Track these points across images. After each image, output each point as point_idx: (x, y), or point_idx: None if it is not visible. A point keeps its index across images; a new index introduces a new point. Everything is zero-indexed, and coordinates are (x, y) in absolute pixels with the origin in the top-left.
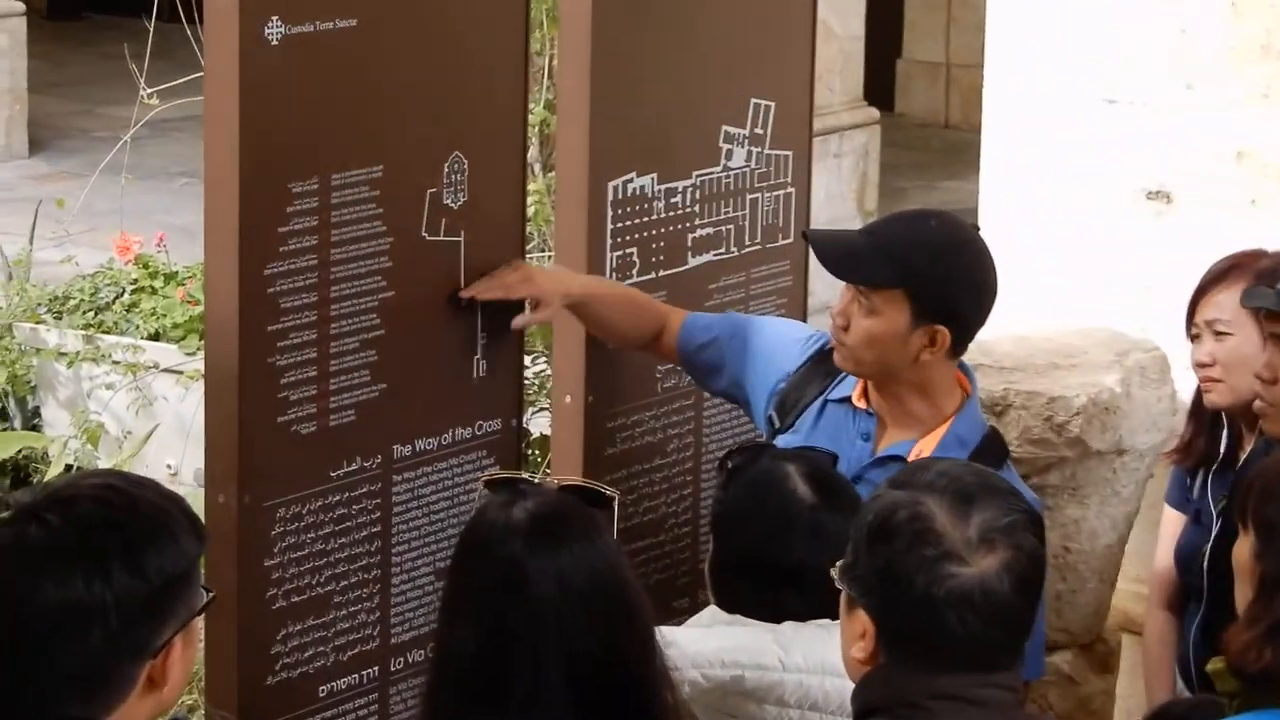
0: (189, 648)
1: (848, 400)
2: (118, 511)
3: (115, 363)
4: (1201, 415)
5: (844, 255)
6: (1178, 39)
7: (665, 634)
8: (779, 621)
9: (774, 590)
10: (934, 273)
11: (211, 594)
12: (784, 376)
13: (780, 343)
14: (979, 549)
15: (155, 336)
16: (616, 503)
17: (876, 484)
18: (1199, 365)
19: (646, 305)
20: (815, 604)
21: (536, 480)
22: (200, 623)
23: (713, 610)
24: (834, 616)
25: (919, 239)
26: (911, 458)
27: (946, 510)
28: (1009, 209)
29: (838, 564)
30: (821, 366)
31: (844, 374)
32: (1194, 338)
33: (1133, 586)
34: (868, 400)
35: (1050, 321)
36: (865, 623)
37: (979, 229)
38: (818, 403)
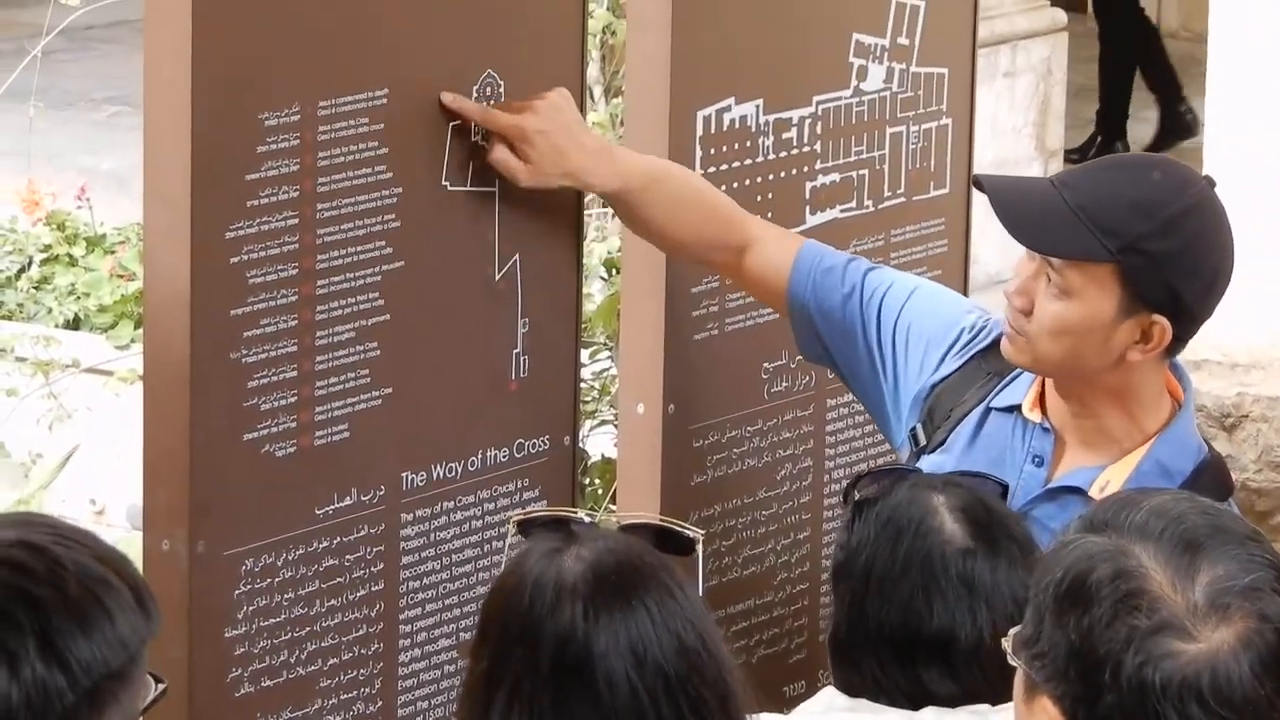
0: None
1: (1017, 409)
2: (34, 581)
3: (19, 360)
4: None
5: (1034, 215)
6: None
7: None
8: (917, 708)
9: (911, 665)
10: (1158, 246)
11: (162, 685)
12: (939, 376)
13: (945, 324)
14: (1209, 618)
15: (74, 324)
16: (701, 548)
17: (1047, 524)
18: None
19: (722, 203)
20: (966, 684)
21: (590, 519)
22: None
23: (830, 693)
24: (990, 700)
25: (1138, 198)
26: (1095, 492)
27: (1164, 564)
28: (1246, 148)
29: (1010, 633)
30: (985, 364)
31: (1015, 373)
32: None
33: None
34: (1044, 410)
35: None
36: (1051, 714)
37: (1212, 182)
38: (977, 411)
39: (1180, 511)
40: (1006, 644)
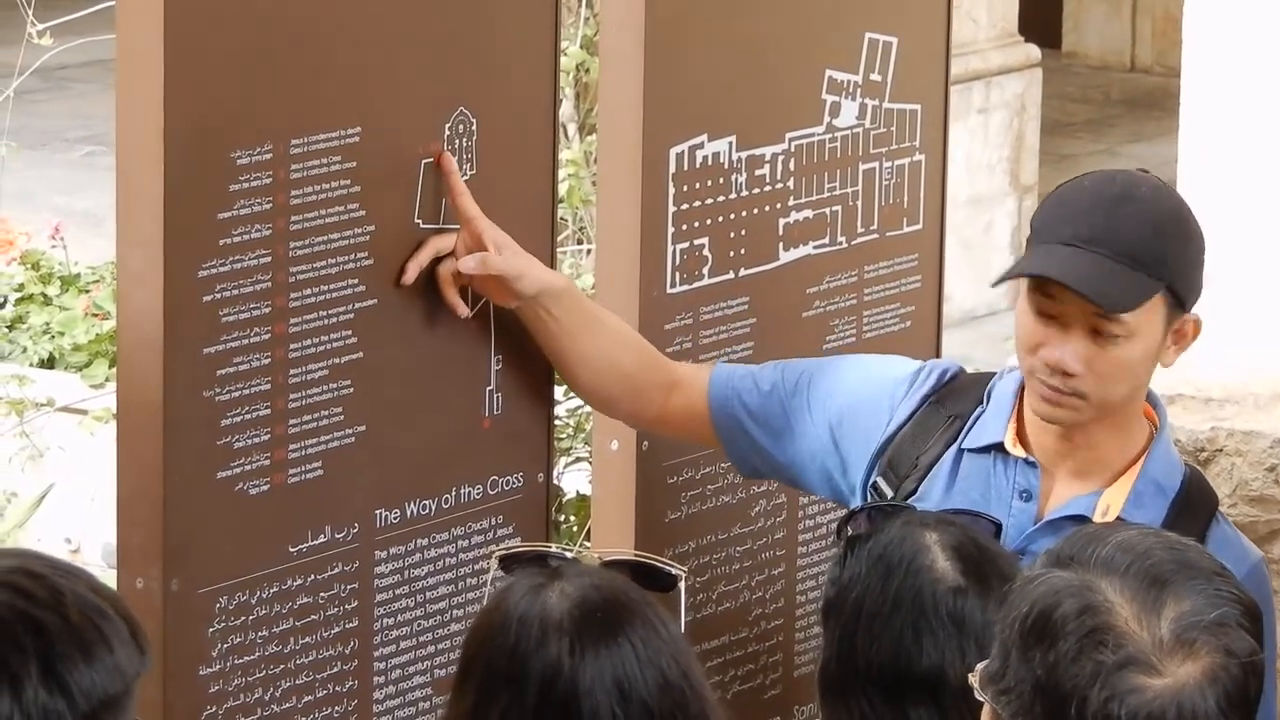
0: None
1: (996, 448)
2: (37, 605)
3: None
4: None
5: (1102, 283)
6: None
7: None
8: None
9: (900, 704)
10: (1182, 251)
11: None
12: (892, 428)
13: (878, 383)
14: (1175, 654)
15: (49, 363)
16: (684, 584)
17: None
18: None
19: (651, 350)
20: None
21: (569, 554)
22: None
23: None
24: None
25: (1154, 219)
26: (1098, 517)
27: (1130, 600)
28: (1219, 181)
29: (977, 668)
30: (943, 408)
31: (976, 413)
32: None
33: None
34: (1025, 444)
35: (1276, 336)
36: None
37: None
38: (948, 455)
39: (1147, 547)
40: (974, 679)
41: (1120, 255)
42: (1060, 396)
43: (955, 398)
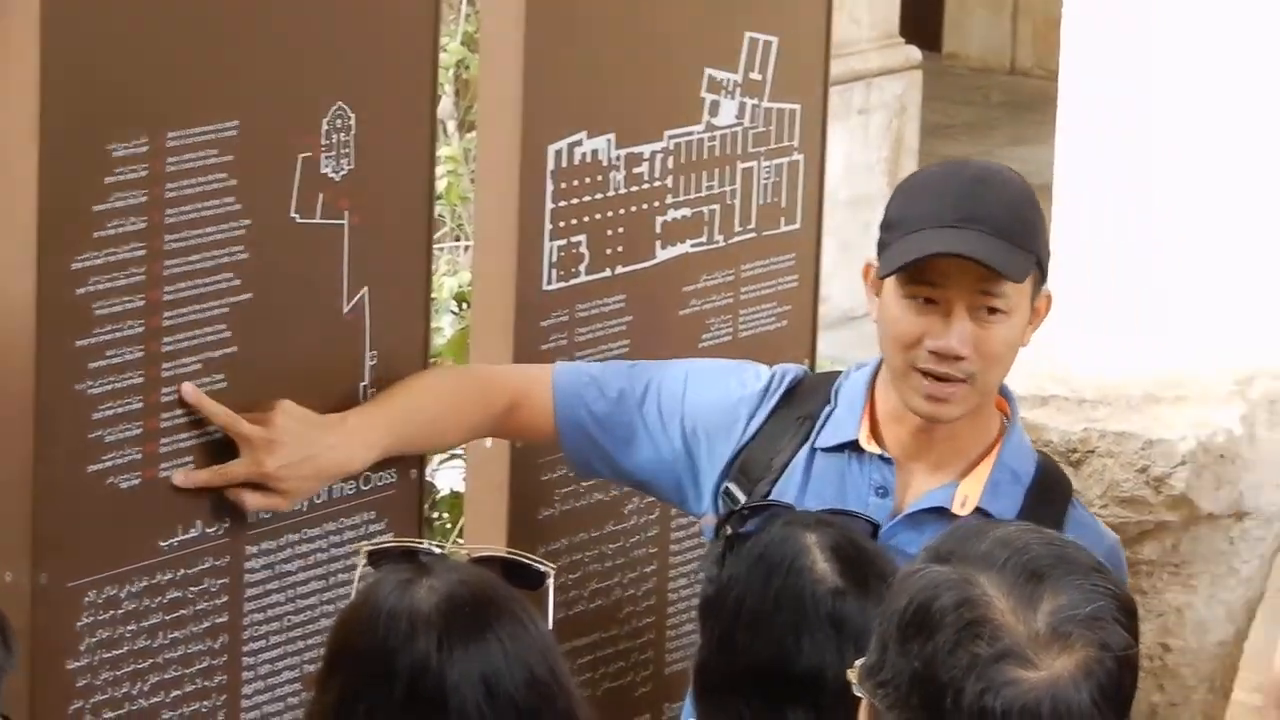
0: None
1: (849, 446)
2: None
3: None
4: None
5: (995, 256)
6: None
7: None
8: None
9: (778, 705)
10: (1041, 225)
11: (4, 717)
12: (747, 437)
13: (735, 392)
14: (1050, 647)
15: None
16: (552, 582)
17: (907, 550)
18: None
19: (479, 384)
20: None
21: (440, 550)
22: None
23: None
24: None
25: (1015, 198)
26: (957, 507)
27: (1007, 593)
28: (1096, 185)
29: (856, 664)
30: (792, 410)
31: (826, 413)
32: None
33: (1255, 698)
34: (879, 441)
35: (1149, 337)
36: None
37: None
38: (801, 455)
39: (1025, 542)
40: (852, 674)
41: (998, 232)
42: (948, 388)
43: (802, 399)
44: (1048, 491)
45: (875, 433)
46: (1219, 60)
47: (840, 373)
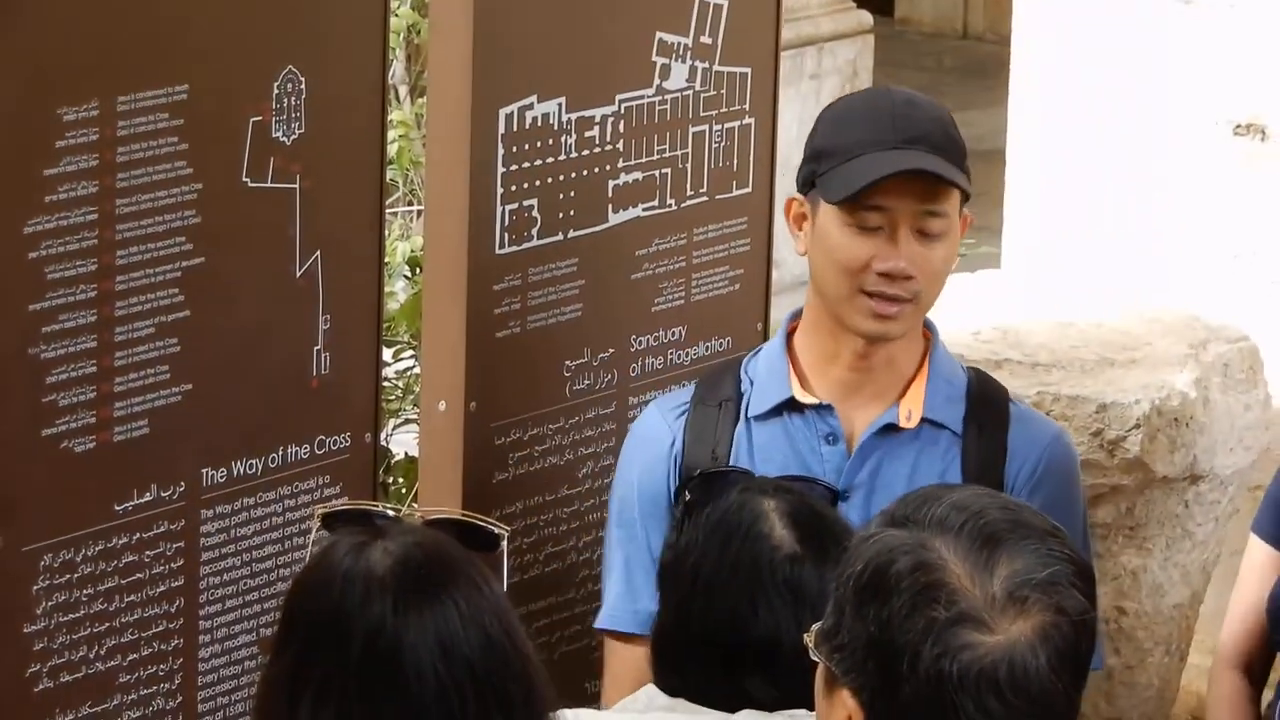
0: None
1: (785, 405)
2: None
3: None
4: None
5: (944, 170)
6: None
7: None
8: (734, 710)
9: (735, 670)
10: (961, 140)
11: None
12: (676, 450)
13: (649, 450)
14: (1007, 611)
15: None
16: (506, 544)
17: (877, 488)
18: None
19: None
20: (787, 690)
21: (394, 514)
22: None
23: (650, 691)
24: (810, 707)
25: (938, 115)
26: (903, 420)
27: (964, 558)
28: (1047, 148)
29: (813, 628)
30: (706, 406)
31: (749, 384)
32: None
33: (1209, 660)
34: (810, 388)
35: (1101, 302)
36: (850, 707)
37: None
38: (739, 433)
39: (981, 507)
40: (808, 638)
41: (936, 150)
42: (894, 307)
43: (712, 390)
44: (987, 392)
45: (805, 387)
46: (1168, 26)
47: (739, 357)
